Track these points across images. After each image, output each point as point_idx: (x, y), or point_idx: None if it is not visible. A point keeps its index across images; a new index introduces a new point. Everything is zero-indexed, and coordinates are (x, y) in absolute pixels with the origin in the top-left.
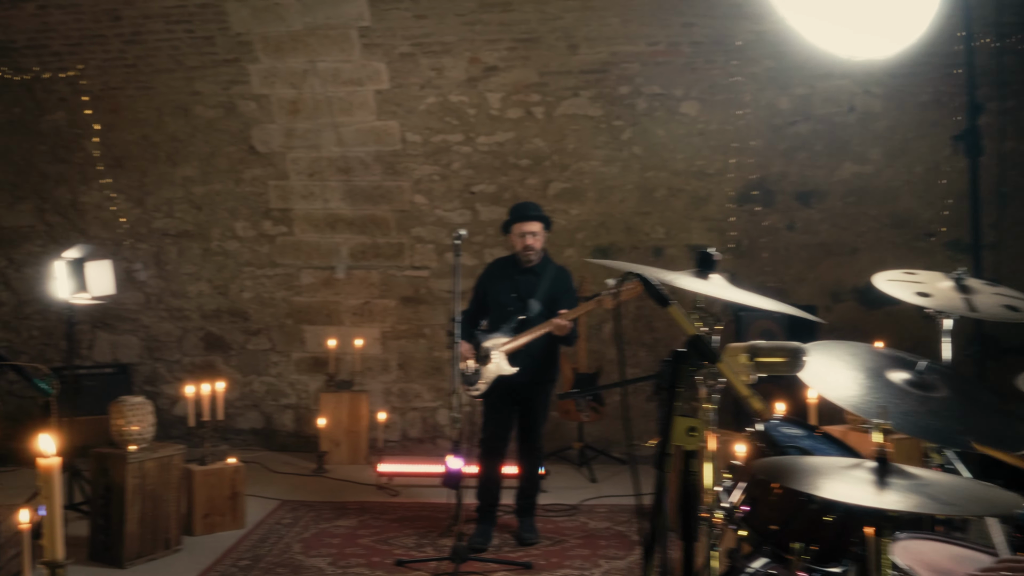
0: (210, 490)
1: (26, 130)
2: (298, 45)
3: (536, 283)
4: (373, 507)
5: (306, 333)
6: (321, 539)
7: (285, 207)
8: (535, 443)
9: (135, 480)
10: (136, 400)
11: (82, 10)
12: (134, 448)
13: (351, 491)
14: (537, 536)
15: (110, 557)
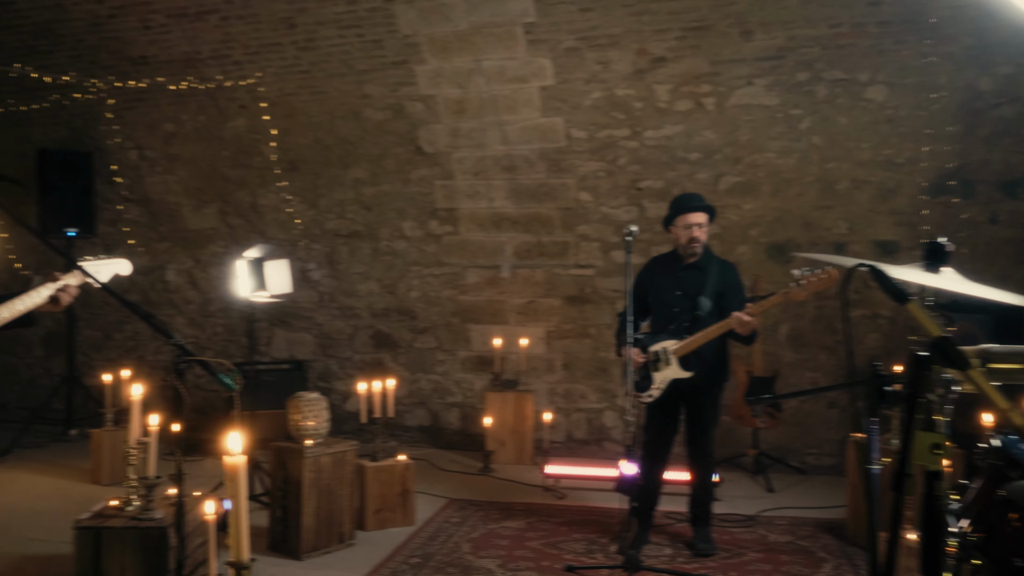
0: (381, 486)
1: (210, 137)
2: (464, 44)
3: (702, 279)
4: (540, 509)
5: (471, 332)
6: (490, 540)
7: (451, 206)
8: (706, 448)
9: (311, 474)
10: (312, 396)
11: (260, 19)
12: (310, 443)
13: (518, 492)
14: (713, 547)
15: (288, 548)
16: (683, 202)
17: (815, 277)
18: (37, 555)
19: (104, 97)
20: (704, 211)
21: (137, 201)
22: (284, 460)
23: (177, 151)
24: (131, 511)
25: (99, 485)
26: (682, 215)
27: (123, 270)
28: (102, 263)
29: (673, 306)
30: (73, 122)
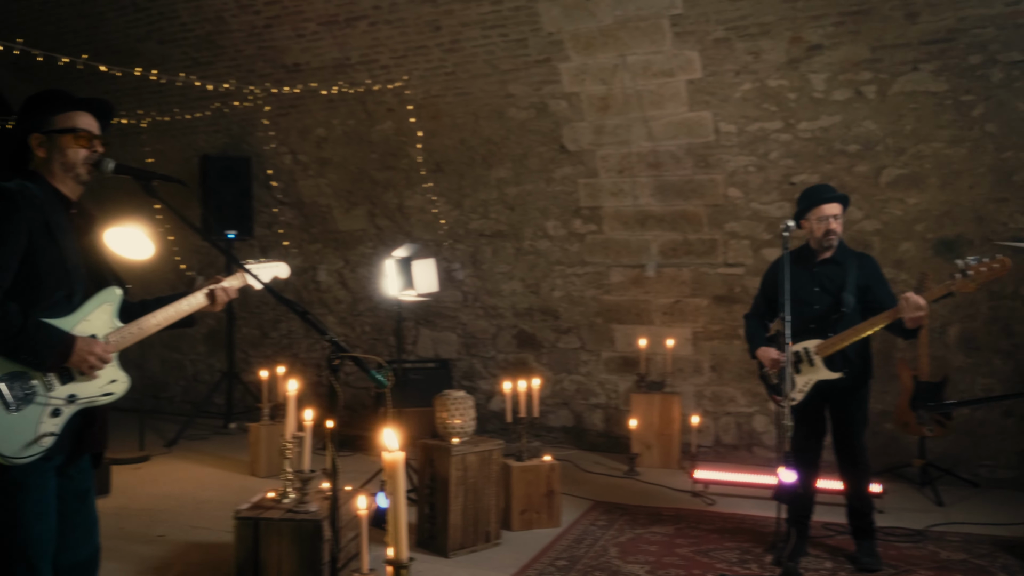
0: (527, 486)
1: (359, 140)
2: (608, 40)
3: (842, 274)
4: (689, 515)
5: (615, 332)
6: (637, 545)
7: (595, 205)
8: (858, 454)
9: (458, 472)
10: (458, 394)
11: (407, 23)
12: (457, 441)
13: (665, 496)
14: (879, 562)
15: (435, 545)
16: (816, 194)
17: (985, 266)
18: (202, 542)
19: (261, 104)
20: (839, 201)
21: (291, 204)
22: (432, 457)
23: (328, 155)
24: (287, 503)
25: (256, 477)
26: (816, 207)
27: (282, 273)
28: (263, 266)
29: (814, 304)
30: (232, 129)
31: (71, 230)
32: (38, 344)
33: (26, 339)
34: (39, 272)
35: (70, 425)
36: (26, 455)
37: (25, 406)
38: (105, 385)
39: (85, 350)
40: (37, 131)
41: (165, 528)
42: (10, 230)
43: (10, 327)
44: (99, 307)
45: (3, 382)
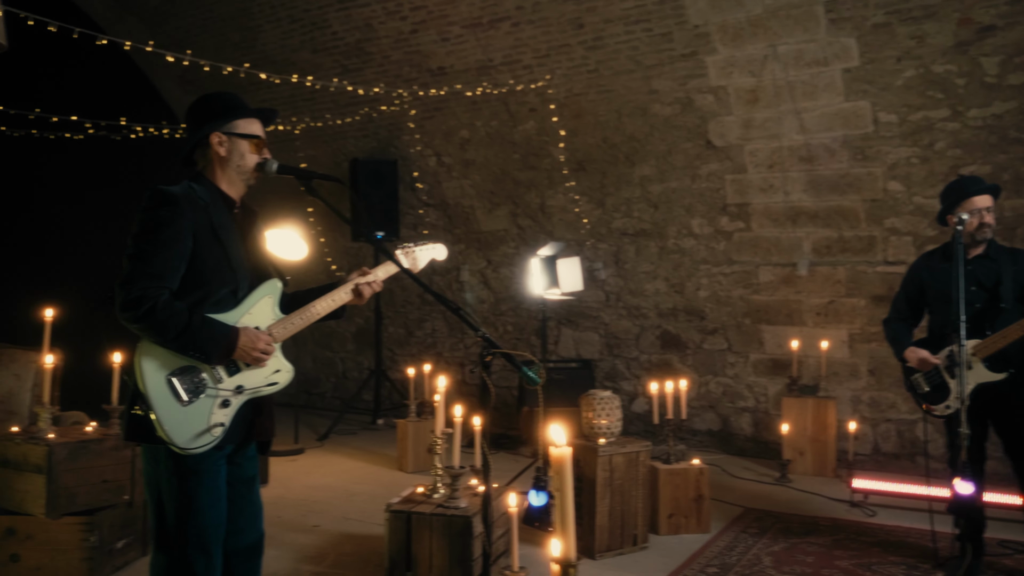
0: (674, 490)
1: (502, 141)
2: (757, 30)
3: (996, 270)
4: (848, 526)
5: (765, 333)
6: (793, 555)
7: (742, 202)
8: None
9: (604, 473)
10: (604, 394)
11: (549, 22)
12: (603, 441)
13: (820, 505)
14: None
15: (582, 547)
16: (966, 186)
17: None
18: (354, 534)
19: (407, 108)
20: (990, 192)
21: (435, 205)
22: (577, 458)
23: (471, 156)
24: (437, 499)
25: (404, 472)
26: (967, 200)
27: (439, 255)
28: (420, 248)
29: (973, 302)
30: (380, 133)
31: (235, 229)
32: (204, 339)
33: (193, 335)
34: (205, 272)
35: (240, 414)
36: (199, 445)
37: (196, 398)
38: (270, 375)
39: (249, 343)
40: (218, 130)
41: (319, 518)
42: (175, 233)
43: (178, 324)
44: (261, 300)
45: (175, 376)
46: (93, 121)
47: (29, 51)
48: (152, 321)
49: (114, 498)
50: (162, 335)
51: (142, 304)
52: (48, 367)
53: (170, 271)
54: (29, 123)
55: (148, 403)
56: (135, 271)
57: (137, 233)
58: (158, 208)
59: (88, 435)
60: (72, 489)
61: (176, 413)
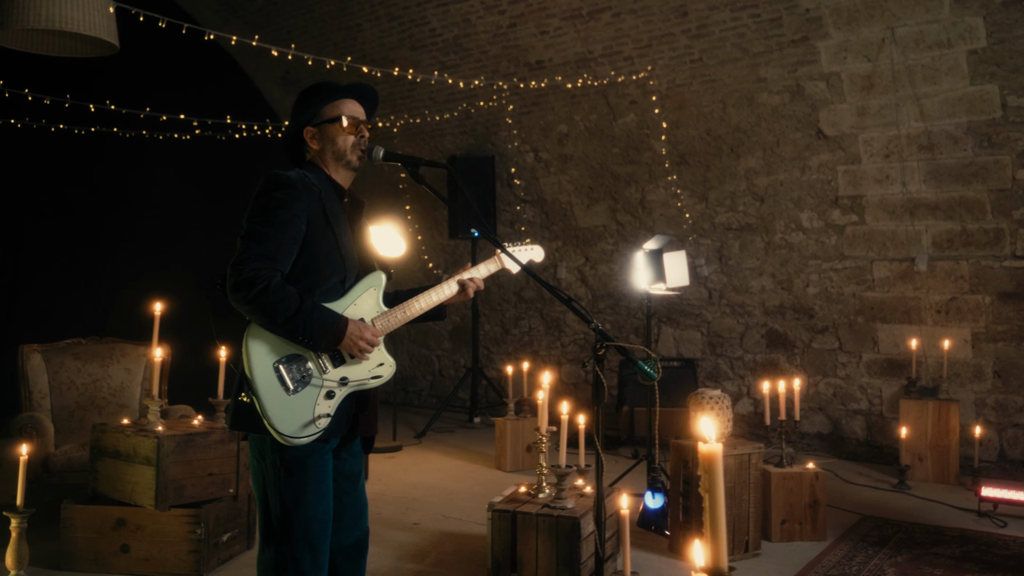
0: (788, 495)
1: (601, 135)
2: (874, 12)
3: None
4: (977, 537)
5: (879, 332)
6: (918, 567)
7: (856, 194)
8: None
9: None
10: (715, 393)
11: (652, 11)
12: None
13: (943, 514)
14: None
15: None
16: None
17: None
18: (454, 532)
19: (505, 104)
20: None
21: (532, 201)
22: (686, 459)
23: (569, 151)
24: (543, 498)
25: (502, 471)
26: None
27: (537, 256)
28: (518, 249)
29: None
30: (477, 130)
31: (344, 218)
32: (314, 325)
33: (304, 319)
34: (316, 258)
35: (344, 408)
36: (304, 435)
37: (302, 388)
38: (374, 368)
39: (356, 333)
40: (309, 124)
41: (419, 516)
42: (290, 216)
43: (289, 307)
44: (366, 291)
45: (282, 364)
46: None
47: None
48: (263, 302)
49: (220, 491)
50: (272, 318)
51: (255, 284)
52: (157, 361)
53: (283, 254)
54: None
55: (254, 390)
56: (248, 251)
57: (252, 215)
58: (274, 190)
59: (195, 428)
60: (180, 481)
61: (282, 401)
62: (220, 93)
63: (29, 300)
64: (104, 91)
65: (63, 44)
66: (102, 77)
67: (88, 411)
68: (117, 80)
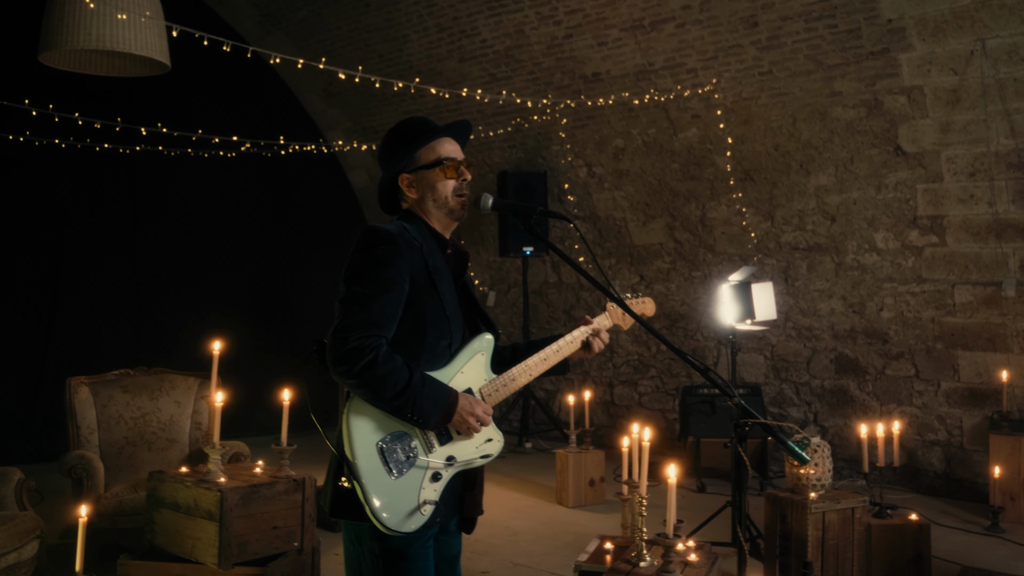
0: (890, 549)
1: (660, 150)
2: (963, 23)
3: None
4: None
5: (960, 360)
6: None
7: (936, 213)
8: None
9: (816, 532)
10: (815, 440)
11: (719, 22)
12: (814, 495)
13: None
14: None
15: None
16: None
17: None
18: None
19: (558, 118)
20: None
21: (585, 218)
22: (783, 512)
23: (625, 167)
24: (644, 569)
25: (564, 506)
26: None
27: (649, 311)
28: (632, 302)
29: None
30: (528, 144)
31: (448, 273)
32: (424, 401)
33: (413, 395)
34: (423, 320)
35: (450, 490)
36: (408, 526)
37: (407, 470)
38: (482, 445)
39: (468, 409)
40: (404, 171)
41: (487, 563)
42: (394, 275)
43: (398, 381)
44: (473, 357)
45: (385, 444)
46: (252, 140)
47: (177, 67)
48: (370, 376)
49: (285, 545)
50: (379, 394)
51: (361, 356)
52: (218, 406)
53: (388, 318)
54: (183, 141)
55: (356, 475)
56: (352, 318)
57: (351, 276)
58: (374, 247)
59: (258, 478)
60: (243, 537)
61: (386, 487)
62: (260, 106)
63: (68, 326)
64: (143, 108)
65: (111, 64)
66: (139, 94)
67: (137, 447)
68: (155, 96)
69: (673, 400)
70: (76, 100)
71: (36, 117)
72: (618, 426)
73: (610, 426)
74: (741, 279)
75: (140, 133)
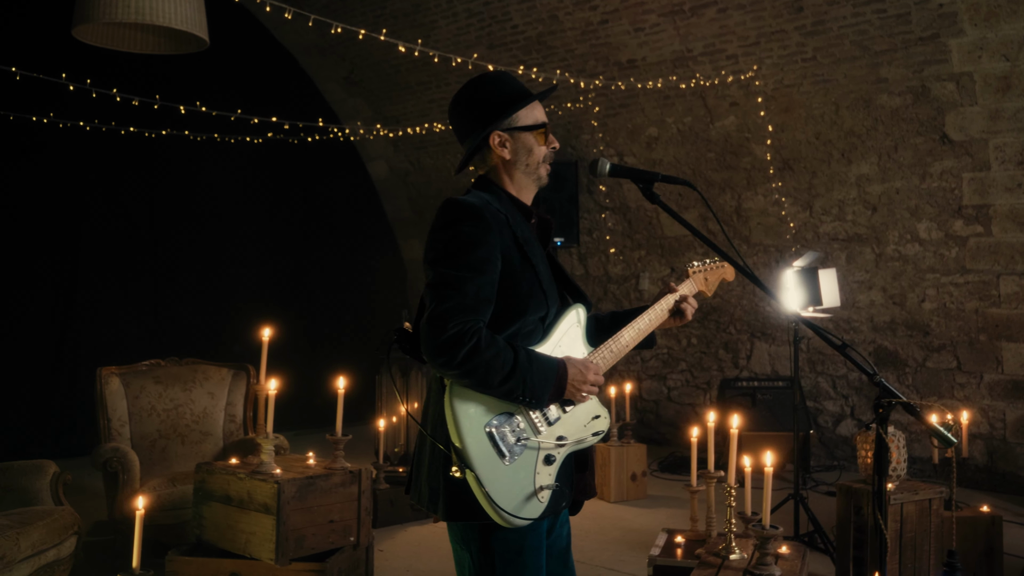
0: (963, 542)
1: (696, 139)
2: (1018, 7)
3: None
4: None
5: (1004, 351)
6: None
7: (982, 203)
8: None
9: (895, 525)
10: (890, 431)
11: (762, 7)
12: (891, 486)
13: None
14: None
15: None
16: None
17: None
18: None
19: (591, 106)
20: None
21: (615, 209)
22: (858, 504)
23: (659, 155)
24: (735, 561)
25: (605, 501)
26: None
27: (728, 275)
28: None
29: None
30: (557, 132)
31: (539, 244)
32: (535, 379)
33: (523, 375)
34: (518, 298)
35: (564, 472)
36: (527, 514)
37: (520, 453)
38: (590, 422)
39: (579, 378)
40: (499, 129)
41: None
42: (486, 254)
43: (505, 364)
44: (568, 330)
45: (494, 428)
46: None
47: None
48: (475, 364)
49: (341, 540)
50: (487, 379)
51: (463, 344)
52: (272, 393)
53: (484, 301)
54: (213, 127)
55: (470, 463)
56: (446, 304)
57: (439, 256)
58: (459, 223)
59: (312, 469)
60: (300, 531)
61: (501, 473)
62: (280, 94)
63: (84, 317)
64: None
65: (145, 40)
66: (155, 76)
67: (170, 440)
68: (178, 79)
69: (704, 394)
70: (109, 79)
71: (63, 98)
72: (646, 421)
73: (637, 421)
74: (806, 264)
75: (166, 117)
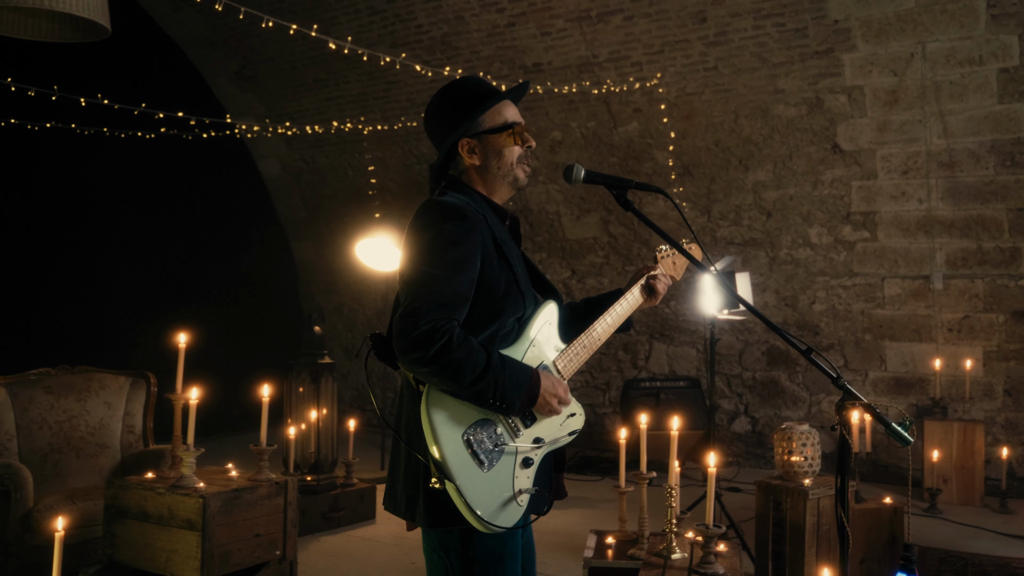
0: (867, 533)
1: (599, 143)
2: (906, 26)
3: None
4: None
5: (887, 350)
6: None
7: (869, 210)
8: None
9: (813, 519)
10: (803, 428)
11: (668, 16)
12: (808, 482)
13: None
14: None
15: None
16: None
17: None
18: None
19: None
20: None
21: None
22: (777, 500)
23: (562, 159)
24: (678, 560)
25: None
26: None
27: (696, 254)
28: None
29: None
30: None
31: (514, 244)
32: (507, 383)
33: (494, 379)
34: (495, 299)
35: (542, 473)
36: (508, 520)
37: (497, 459)
38: (565, 420)
39: (550, 391)
40: (465, 135)
41: None
42: (466, 254)
43: (476, 365)
44: (541, 328)
45: (471, 434)
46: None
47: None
48: (446, 362)
49: (267, 554)
50: (457, 379)
51: (434, 340)
52: (193, 403)
53: (461, 300)
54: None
55: (449, 473)
56: (421, 301)
57: (417, 253)
58: (442, 222)
59: (235, 481)
60: (225, 547)
61: (479, 481)
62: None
63: None
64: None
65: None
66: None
67: (63, 454)
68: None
69: (603, 395)
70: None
71: None
72: None
73: None
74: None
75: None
